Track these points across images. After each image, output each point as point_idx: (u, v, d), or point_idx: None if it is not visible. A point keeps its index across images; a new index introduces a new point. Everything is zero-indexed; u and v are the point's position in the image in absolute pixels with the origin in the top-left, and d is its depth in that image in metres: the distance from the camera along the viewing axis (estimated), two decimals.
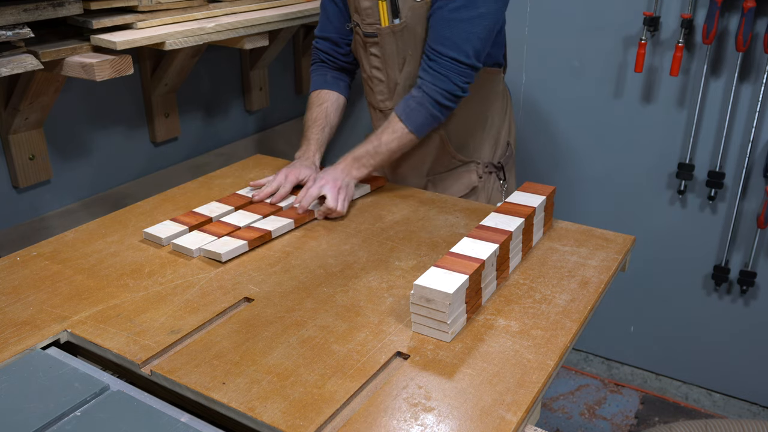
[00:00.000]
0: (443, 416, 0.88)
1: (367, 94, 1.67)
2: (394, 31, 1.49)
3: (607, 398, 2.36)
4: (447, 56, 1.41)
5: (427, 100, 1.44)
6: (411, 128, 1.45)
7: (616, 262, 1.28)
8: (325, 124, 1.62)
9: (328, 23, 1.65)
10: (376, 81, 1.60)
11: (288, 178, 1.51)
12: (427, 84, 1.44)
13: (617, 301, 2.30)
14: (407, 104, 1.46)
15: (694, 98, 2.00)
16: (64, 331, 1.06)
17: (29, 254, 1.31)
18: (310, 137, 1.61)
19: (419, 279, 1.03)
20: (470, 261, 1.08)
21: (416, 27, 1.48)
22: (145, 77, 1.93)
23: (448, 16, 1.40)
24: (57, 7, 1.42)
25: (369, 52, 1.56)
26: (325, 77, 1.68)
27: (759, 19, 1.84)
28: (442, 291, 1.00)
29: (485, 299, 1.13)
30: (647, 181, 2.15)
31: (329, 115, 1.63)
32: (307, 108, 1.66)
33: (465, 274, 1.04)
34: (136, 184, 1.98)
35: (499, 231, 1.19)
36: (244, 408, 0.89)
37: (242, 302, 1.15)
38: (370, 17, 1.51)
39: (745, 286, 2.07)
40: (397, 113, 1.47)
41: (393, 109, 1.51)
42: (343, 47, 1.66)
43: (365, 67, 1.61)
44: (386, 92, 1.60)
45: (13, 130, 1.62)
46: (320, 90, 1.67)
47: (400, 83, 1.56)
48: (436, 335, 1.04)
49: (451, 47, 1.41)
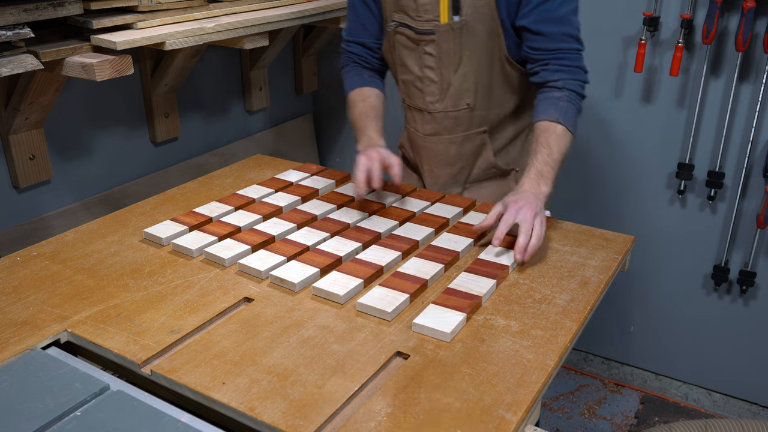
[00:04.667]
0: (443, 416, 0.88)
1: (413, 96, 1.57)
2: (453, 28, 1.43)
3: (607, 398, 2.36)
4: (574, 50, 1.41)
5: (573, 97, 1.41)
6: (570, 128, 1.39)
7: (616, 262, 1.28)
8: (374, 115, 1.55)
9: (361, 27, 1.60)
10: (428, 81, 1.52)
11: (372, 158, 1.42)
12: (570, 81, 1.41)
13: (617, 301, 2.30)
14: (558, 106, 1.39)
15: (693, 98, 2.00)
16: (65, 331, 1.06)
17: (29, 254, 1.31)
18: (365, 128, 1.53)
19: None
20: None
21: (476, 26, 1.43)
22: (145, 77, 1.93)
23: (556, 14, 1.39)
24: (57, 7, 1.42)
25: (423, 50, 1.49)
26: (362, 75, 1.63)
27: (759, 19, 1.84)
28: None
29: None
30: (647, 181, 2.15)
31: (377, 107, 1.57)
32: (351, 107, 1.60)
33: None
34: (136, 184, 1.98)
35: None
36: (244, 408, 0.89)
37: (242, 302, 1.15)
38: (428, 13, 1.45)
39: (745, 286, 2.07)
40: (552, 119, 1.38)
41: (441, 111, 1.50)
42: (377, 52, 1.61)
43: (411, 68, 1.53)
44: (438, 93, 1.52)
45: (13, 130, 1.62)
46: (360, 87, 1.61)
47: (453, 84, 1.49)
48: (437, 335, 1.04)
49: (573, 41, 1.41)
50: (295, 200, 1.51)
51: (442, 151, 1.57)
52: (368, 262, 1.24)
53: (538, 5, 1.38)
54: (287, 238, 1.33)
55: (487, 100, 1.51)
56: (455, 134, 1.55)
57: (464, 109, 1.51)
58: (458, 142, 1.55)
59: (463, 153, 1.57)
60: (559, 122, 1.37)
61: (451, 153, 1.57)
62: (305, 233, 1.35)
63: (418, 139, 1.61)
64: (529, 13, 1.39)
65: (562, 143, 1.37)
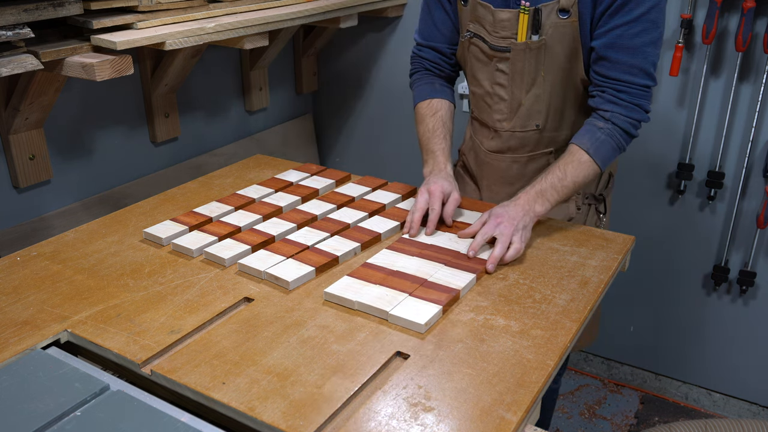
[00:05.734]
0: (443, 416, 0.88)
1: (482, 110, 1.51)
2: (531, 47, 1.36)
3: (607, 398, 2.36)
4: (639, 85, 1.31)
5: (617, 132, 1.33)
6: (598, 161, 1.33)
7: (616, 262, 1.28)
8: (445, 133, 1.49)
9: (435, 31, 1.52)
10: (497, 99, 1.46)
11: (434, 195, 1.37)
12: (619, 117, 1.32)
13: (617, 301, 2.30)
14: (594, 136, 1.33)
15: (693, 98, 2.00)
16: (65, 331, 1.07)
17: (29, 254, 1.31)
18: (435, 149, 1.47)
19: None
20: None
21: (555, 46, 1.35)
22: (145, 77, 1.93)
23: (630, 43, 1.28)
24: (57, 7, 1.42)
25: (495, 67, 1.43)
26: (433, 85, 1.55)
27: (759, 19, 1.84)
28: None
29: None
30: (647, 181, 2.15)
31: (446, 123, 1.50)
32: (419, 121, 1.53)
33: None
34: (136, 184, 1.98)
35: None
36: (244, 408, 0.89)
37: (242, 302, 1.15)
38: (505, 30, 1.37)
39: (745, 286, 2.07)
40: (582, 146, 1.33)
41: (508, 130, 1.45)
42: (450, 57, 1.54)
43: (482, 82, 1.47)
44: (506, 112, 1.45)
45: (13, 130, 1.62)
46: (431, 99, 1.53)
47: (524, 105, 1.43)
48: (412, 327, 1.08)
49: (642, 75, 1.31)
50: (295, 200, 1.51)
51: (504, 169, 1.52)
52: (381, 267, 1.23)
53: (612, 29, 1.29)
54: (287, 238, 1.33)
55: (557, 122, 1.45)
56: (520, 154, 1.50)
57: (533, 131, 1.46)
58: (522, 162, 1.50)
59: (525, 173, 1.51)
60: (587, 152, 1.33)
61: (513, 172, 1.52)
62: (305, 233, 1.35)
63: (481, 154, 1.56)
64: (602, 35, 1.31)
65: (580, 172, 1.33)
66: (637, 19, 1.27)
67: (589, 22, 1.32)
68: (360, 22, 2.31)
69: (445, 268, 1.21)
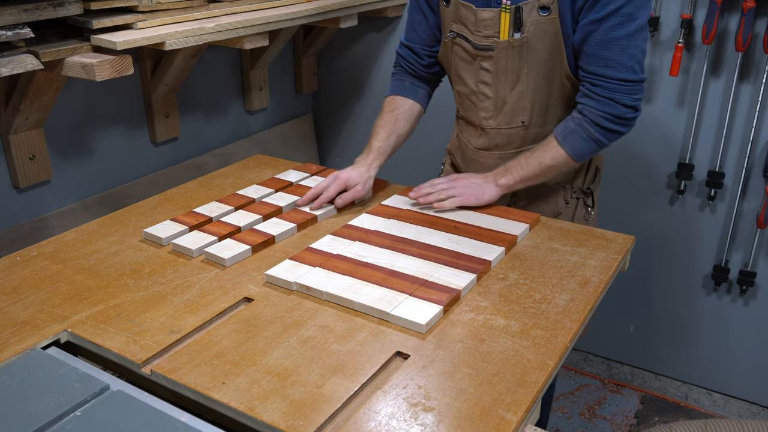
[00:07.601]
0: (443, 416, 0.88)
1: (467, 109, 1.54)
2: (513, 45, 1.38)
3: (607, 398, 2.36)
4: (614, 78, 1.32)
5: (586, 123, 1.36)
6: (566, 148, 1.38)
7: (616, 262, 1.28)
8: (391, 132, 1.55)
9: (413, 32, 1.58)
10: (482, 97, 1.48)
11: (336, 181, 1.47)
12: (591, 110, 1.35)
13: (617, 301, 2.30)
14: (565, 125, 1.39)
15: (693, 98, 2.00)
16: (65, 331, 1.07)
17: (29, 254, 1.31)
18: (372, 143, 1.55)
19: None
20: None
21: (537, 43, 1.37)
22: (145, 77, 1.93)
23: (606, 36, 1.29)
24: (57, 7, 1.42)
25: (479, 66, 1.45)
26: (403, 83, 1.61)
27: (759, 19, 1.84)
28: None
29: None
30: (647, 180, 2.15)
31: (398, 123, 1.56)
32: (379, 113, 1.60)
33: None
34: (136, 184, 1.98)
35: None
36: (244, 408, 0.89)
37: (242, 302, 1.15)
38: (488, 29, 1.39)
39: (745, 286, 2.07)
40: (555, 134, 1.40)
41: (495, 127, 1.49)
42: (424, 59, 1.58)
43: (467, 82, 1.49)
44: (492, 110, 1.48)
45: (13, 130, 1.62)
46: (395, 96, 1.59)
47: (509, 102, 1.45)
48: (413, 327, 1.07)
49: (617, 68, 1.31)
50: (295, 200, 1.51)
51: (491, 166, 1.52)
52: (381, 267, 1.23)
53: (588, 23, 1.31)
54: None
55: (542, 117, 1.47)
56: (507, 150, 1.51)
57: (518, 127, 1.48)
58: (509, 158, 1.50)
59: None
60: (555, 137, 1.40)
61: None
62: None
63: (469, 152, 1.58)
64: (580, 29, 1.33)
65: (547, 154, 1.40)
66: (613, 12, 1.28)
67: (570, 18, 1.34)
68: (360, 22, 2.31)
69: (445, 268, 1.21)
